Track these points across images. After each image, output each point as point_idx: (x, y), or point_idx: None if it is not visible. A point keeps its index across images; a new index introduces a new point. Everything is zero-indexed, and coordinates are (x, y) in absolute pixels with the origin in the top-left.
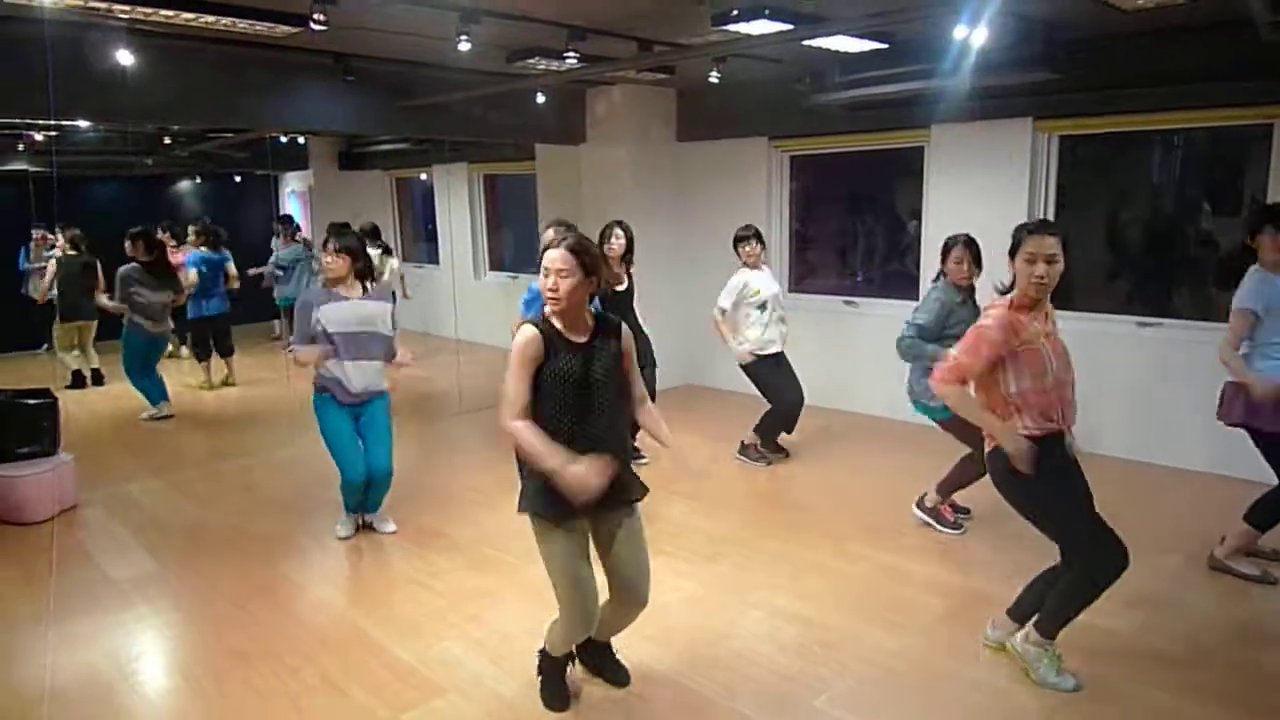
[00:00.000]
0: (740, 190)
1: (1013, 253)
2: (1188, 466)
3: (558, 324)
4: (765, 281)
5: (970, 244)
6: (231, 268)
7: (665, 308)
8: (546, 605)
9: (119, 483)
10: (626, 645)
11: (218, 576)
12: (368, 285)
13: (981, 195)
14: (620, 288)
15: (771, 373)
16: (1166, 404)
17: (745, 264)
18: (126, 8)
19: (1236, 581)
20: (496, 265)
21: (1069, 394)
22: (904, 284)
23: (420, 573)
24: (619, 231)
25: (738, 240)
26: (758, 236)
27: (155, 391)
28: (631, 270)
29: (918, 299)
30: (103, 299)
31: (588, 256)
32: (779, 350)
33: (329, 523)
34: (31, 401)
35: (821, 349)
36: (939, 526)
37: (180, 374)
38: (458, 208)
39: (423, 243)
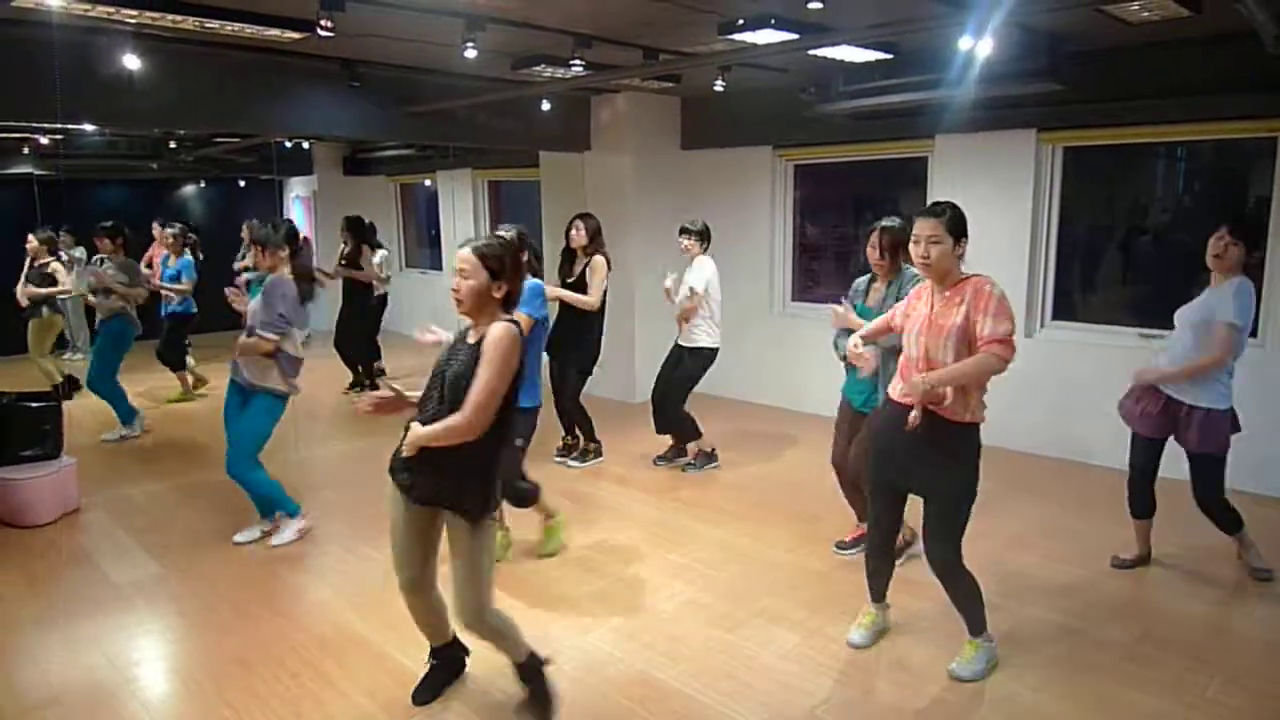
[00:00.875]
0: (744, 199)
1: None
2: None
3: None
4: (694, 275)
5: (884, 231)
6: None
7: (669, 317)
8: (546, 610)
9: (121, 486)
10: (626, 651)
11: (219, 580)
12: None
13: (985, 206)
14: (569, 280)
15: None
16: None
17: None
18: (133, 13)
19: (1232, 591)
20: None
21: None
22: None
23: None
24: (579, 223)
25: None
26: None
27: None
28: (594, 260)
29: None
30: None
31: (495, 260)
32: (681, 344)
33: (329, 528)
34: (34, 404)
35: (826, 357)
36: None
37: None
38: (462, 213)
39: (426, 248)
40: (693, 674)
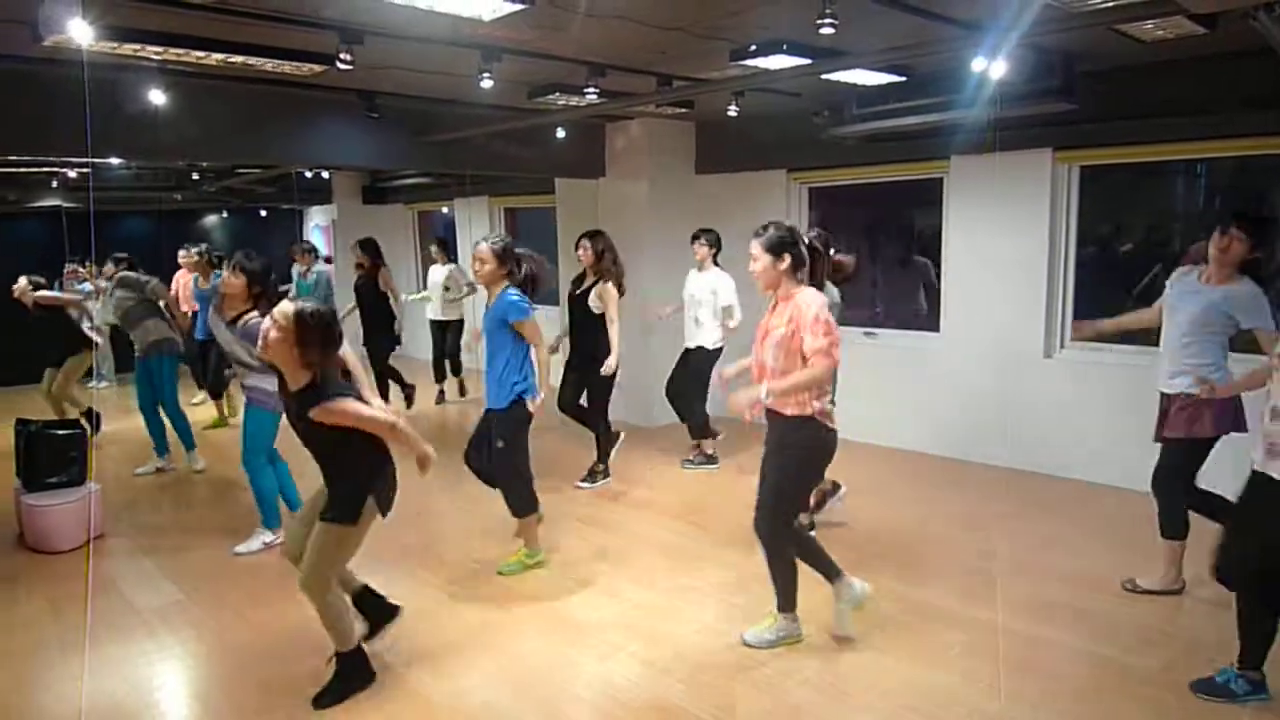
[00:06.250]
0: (758, 222)
1: None
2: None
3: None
4: (692, 282)
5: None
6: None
7: (683, 339)
8: (564, 634)
9: (145, 513)
10: (644, 678)
11: (241, 606)
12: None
13: (1002, 225)
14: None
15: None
16: None
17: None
18: (159, 49)
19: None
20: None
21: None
22: (925, 315)
23: (437, 603)
24: (585, 242)
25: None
26: (696, 237)
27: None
28: (606, 288)
29: (938, 330)
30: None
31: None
32: (687, 346)
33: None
34: (61, 432)
35: (841, 380)
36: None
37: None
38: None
39: None
40: (712, 702)
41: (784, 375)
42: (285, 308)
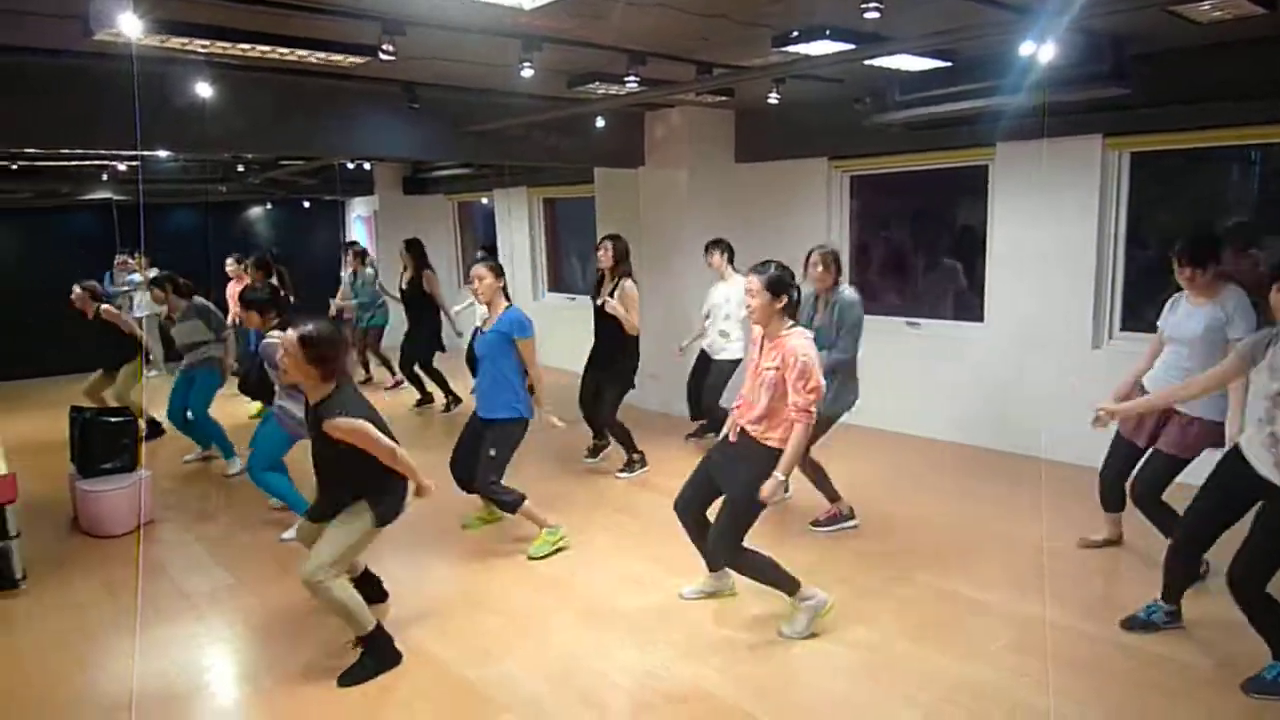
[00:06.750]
0: (800, 211)
1: None
2: None
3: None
4: (716, 293)
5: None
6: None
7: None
8: (601, 622)
9: (193, 499)
10: (683, 667)
11: (288, 591)
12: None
13: (1049, 214)
14: (599, 301)
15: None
16: None
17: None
18: (206, 42)
19: None
20: (555, 286)
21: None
22: (968, 305)
23: (482, 593)
24: (606, 244)
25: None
26: (710, 247)
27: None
28: (626, 286)
29: (982, 320)
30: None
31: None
32: (714, 356)
33: (398, 543)
34: (113, 419)
35: (883, 370)
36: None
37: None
38: (518, 230)
39: None
40: (751, 691)
41: (769, 414)
42: (289, 335)
